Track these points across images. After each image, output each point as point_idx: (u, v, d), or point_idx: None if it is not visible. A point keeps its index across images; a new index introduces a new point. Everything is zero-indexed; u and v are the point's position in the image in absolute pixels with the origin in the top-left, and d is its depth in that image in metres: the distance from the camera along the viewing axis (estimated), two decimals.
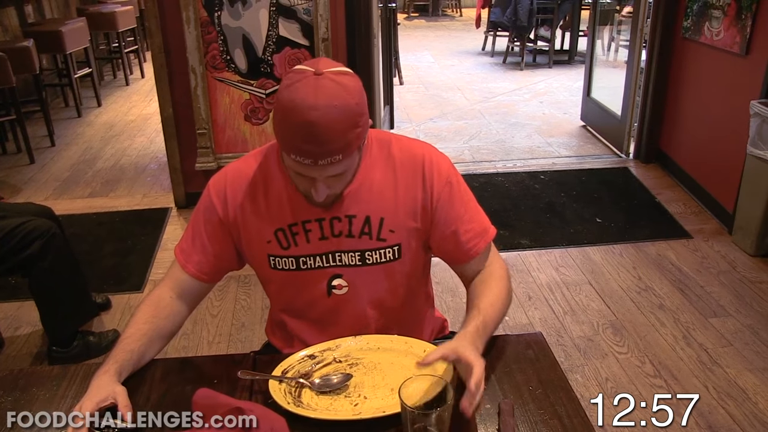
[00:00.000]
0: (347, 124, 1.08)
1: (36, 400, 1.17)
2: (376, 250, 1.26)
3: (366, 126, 1.14)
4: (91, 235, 3.41)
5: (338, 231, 1.25)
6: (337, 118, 1.06)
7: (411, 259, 1.30)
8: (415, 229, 1.28)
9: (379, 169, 1.26)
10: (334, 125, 1.06)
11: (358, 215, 1.25)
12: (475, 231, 1.30)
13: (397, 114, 5.25)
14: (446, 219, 1.28)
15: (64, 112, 5.59)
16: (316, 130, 1.06)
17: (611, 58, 5.49)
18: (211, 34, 3.28)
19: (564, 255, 3.12)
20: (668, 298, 2.74)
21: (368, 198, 1.25)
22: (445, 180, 1.27)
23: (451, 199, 1.27)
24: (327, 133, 1.06)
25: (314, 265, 1.28)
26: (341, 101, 1.07)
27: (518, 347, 1.25)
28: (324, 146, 1.07)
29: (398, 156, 1.27)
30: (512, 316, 2.66)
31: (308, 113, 1.05)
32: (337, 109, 1.06)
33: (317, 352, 1.23)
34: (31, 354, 2.52)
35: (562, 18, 7.26)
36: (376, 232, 1.25)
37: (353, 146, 1.11)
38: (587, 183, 3.91)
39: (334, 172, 1.13)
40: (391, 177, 1.26)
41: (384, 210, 1.25)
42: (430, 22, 10.78)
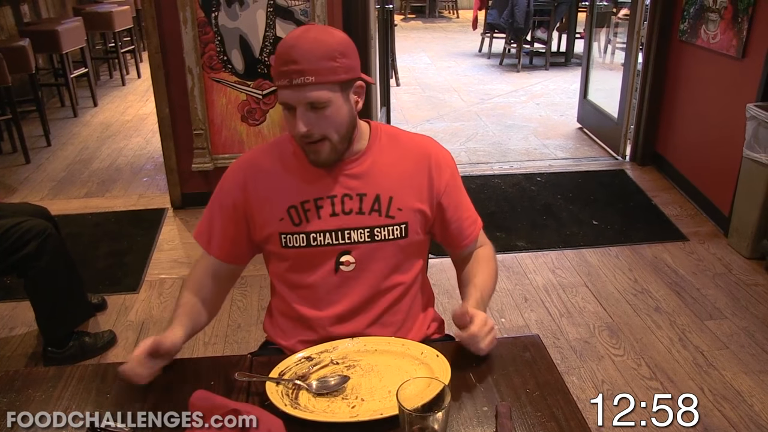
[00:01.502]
0: (322, 53, 1.20)
1: (32, 402, 1.16)
2: (384, 226, 1.33)
3: (348, 70, 1.24)
4: (86, 235, 3.39)
5: (349, 208, 1.32)
6: (313, 46, 1.20)
7: (416, 240, 1.37)
8: (421, 211, 1.35)
9: (389, 154, 1.37)
10: (309, 49, 1.20)
11: (368, 193, 1.33)
12: (472, 219, 1.43)
13: (394, 115, 5.25)
14: (451, 207, 1.39)
15: (60, 111, 5.58)
16: (291, 51, 1.20)
17: (608, 61, 5.50)
18: (208, 34, 3.27)
19: (560, 257, 3.12)
20: (664, 300, 2.74)
21: (378, 178, 1.34)
22: (450, 171, 1.39)
23: (455, 189, 1.39)
24: (300, 54, 1.19)
25: (324, 241, 1.33)
26: (321, 37, 1.22)
27: (515, 349, 1.25)
28: (296, 65, 1.19)
29: (406, 145, 1.39)
30: (508, 318, 2.67)
31: (290, 42, 1.21)
32: (315, 41, 1.21)
33: (314, 354, 1.23)
34: (26, 354, 2.51)
35: (559, 20, 7.27)
36: (385, 209, 1.33)
37: (327, 76, 1.20)
38: (583, 185, 3.92)
39: (309, 98, 1.21)
40: (400, 162, 1.36)
41: (393, 189, 1.33)
42: (426, 24, 10.79)
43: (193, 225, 3.46)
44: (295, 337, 1.39)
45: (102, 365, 1.29)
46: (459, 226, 1.41)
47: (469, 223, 1.43)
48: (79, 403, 1.15)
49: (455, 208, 1.40)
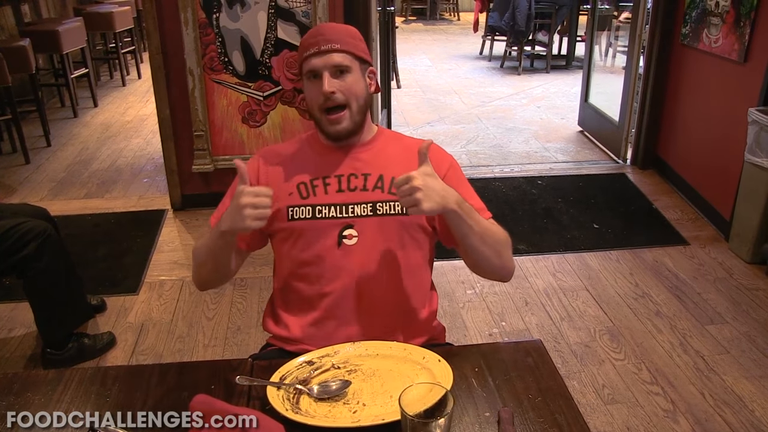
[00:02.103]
0: (347, 32, 1.41)
1: (31, 405, 1.15)
2: (386, 201, 1.39)
3: (365, 52, 1.42)
4: (86, 236, 3.39)
5: (354, 186, 1.41)
6: (339, 27, 1.42)
7: (417, 221, 1.41)
8: None
9: (393, 148, 1.47)
10: (335, 27, 1.41)
11: (372, 174, 1.42)
12: (477, 207, 1.40)
13: (395, 117, 5.25)
14: None
15: (61, 112, 5.57)
16: (320, 29, 1.40)
17: (609, 64, 5.50)
18: (209, 35, 3.27)
19: (561, 261, 3.11)
20: (665, 304, 2.74)
21: (383, 162, 1.44)
22: (449, 165, 1.45)
23: (455, 179, 1.42)
24: (327, 30, 1.39)
25: (329, 214, 1.39)
26: (345, 25, 1.45)
27: (517, 355, 1.25)
28: (324, 36, 1.37)
29: (408, 143, 1.48)
30: (509, 322, 2.66)
31: (320, 25, 1.43)
32: (338, 25, 1.43)
33: (315, 358, 1.22)
34: (25, 356, 2.50)
35: (560, 23, 7.27)
36: (388, 186, 1.40)
37: (350, 46, 1.38)
38: (584, 189, 3.92)
39: (334, 60, 1.36)
40: (402, 153, 1.44)
41: (395, 171, 1.37)
42: (427, 26, 10.79)
43: (193, 226, 3.45)
44: (297, 322, 1.40)
45: (101, 368, 1.28)
46: None
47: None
48: (79, 406, 1.15)
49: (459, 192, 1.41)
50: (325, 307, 1.38)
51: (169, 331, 2.63)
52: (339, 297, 1.38)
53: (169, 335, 2.61)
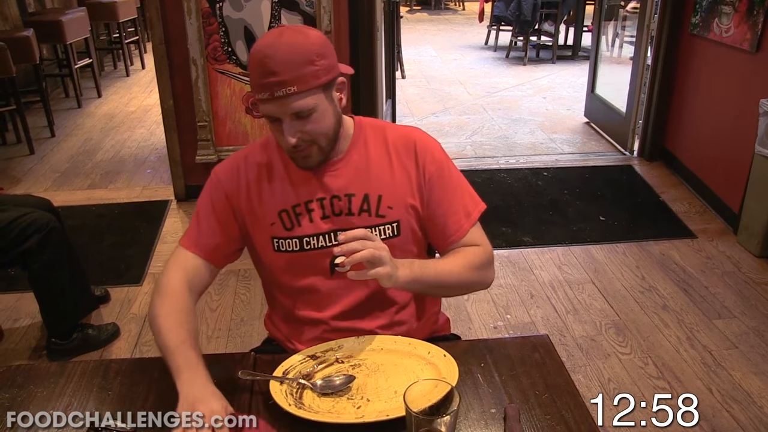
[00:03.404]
0: (300, 59, 1.16)
1: (34, 398, 1.15)
2: (375, 226, 1.29)
3: (328, 70, 1.20)
4: (90, 227, 3.38)
5: (339, 209, 1.30)
6: (289, 51, 1.16)
7: (410, 238, 1.32)
8: (413, 206, 1.31)
9: (374, 150, 1.33)
10: (286, 57, 1.15)
11: (357, 193, 1.29)
12: (461, 215, 1.33)
13: (399, 108, 5.21)
14: (436, 199, 1.32)
15: (65, 102, 5.56)
16: (268, 62, 1.15)
17: (616, 54, 5.45)
18: (213, 25, 3.24)
19: (567, 253, 3.09)
20: (672, 298, 2.71)
21: (365, 176, 1.30)
22: (437, 162, 1.33)
23: (441, 180, 1.32)
24: (278, 64, 1.14)
25: (317, 245, 1.31)
26: (296, 40, 1.17)
27: (524, 350, 1.23)
28: (276, 76, 1.14)
29: (392, 139, 1.34)
30: (514, 315, 2.64)
31: (265, 50, 1.16)
32: (290, 45, 1.16)
33: (319, 353, 1.21)
34: (30, 346, 2.50)
35: (567, 13, 7.21)
36: (375, 208, 1.29)
37: (309, 82, 1.17)
38: (590, 180, 3.89)
39: (294, 107, 1.17)
40: (386, 157, 1.32)
41: (381, 187, 1.30)
42: (432, 16, 10.73)
43: None
44: (299, 339, 1.37)
45: (104, 361, 1.27)
46: (444, 221, 1.32)
47: (455, 219, 1.32)
48: (81, 400, 1.14)
49: (440, 200, 1.32)
50: (324, 329, 1.33)
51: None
52: (337, 320, 1.33)
53: None
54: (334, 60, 1.23)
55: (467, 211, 1.34)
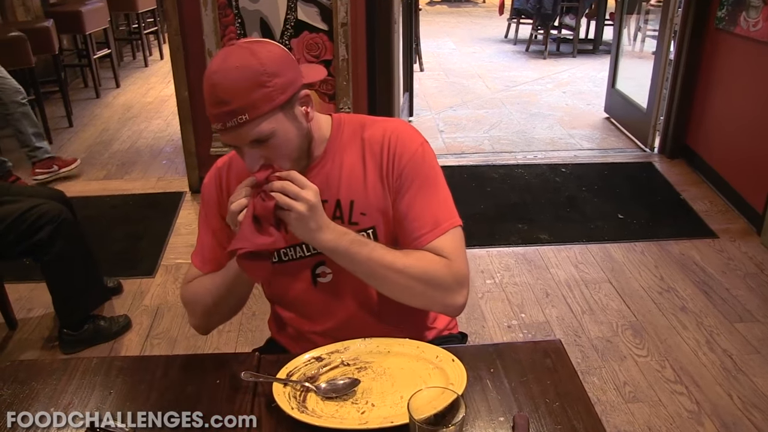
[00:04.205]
0: (248, 84, 1.06)
1: (35, 395, 1.14)
2: None
3: (284, 88, 1.09)
4: (104, 218, 3.39)
5: None
6: (236, 77, 1.06)
7: (390, 244, 1.21)
8: (388, 210, 1.23)
9: (349, 153, 1.24)
10: (233, 84, 1.06)
11: (329, 200, 1.23)
12: (426, 222, 1.20)
13: (417, 101, 5.17)
14: (402, 200, 1.21)
15: (83, 92, 5.59)
16: (216, 91, 1.07)
17: (638, 49, 5.34)
18: (229, 17, 3.22)
19: (584, 251, 3.03)
20: (691, 300, 2.65)
21: (337, 182, 1.23)
22: (410, 158, 1.21)
23: (412, 180, 1.21)
24: (226, 93, 1.06)
25: (296, 255, 1.27)
26: (243, 62, 1.07)
27: (535, 355, 1.19)
28: (225, 106, 1.07)
29: (368, 136, 1.24)
30: (529, 314, 2.60)
31: (211, 77, 1.08)
32: (237, 69, 1.06)
33: (324, 354, 1.18)
34: (43, 336, 2.51)
35: (588, 6, 7.10)
36: (347, 215, 1.23)
37: (261, 107, 1.07)
38: (609, 177, 3.81)
39: (250, 136, 1.09)
40: (360, 159, 1.23)
41: (353, 193, 1.23)
42: (452, 8, 10.64)
43: None
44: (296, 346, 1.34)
45: (107, 358, 1.26)
46: (405, 225, 1.21)
47: (418, 225, 1.19)
48: (82, 398, 1.13)
49: (404, 201, 1.21)
50: (320, 341, 1.27)
51: (184, 315, 2.61)
52: (332, 331, 1.29)
53: (184, 319, 2.60)
54: (293, 75, 1.12)
55: (435, 221, 1.20)
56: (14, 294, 2.67)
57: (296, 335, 1.35)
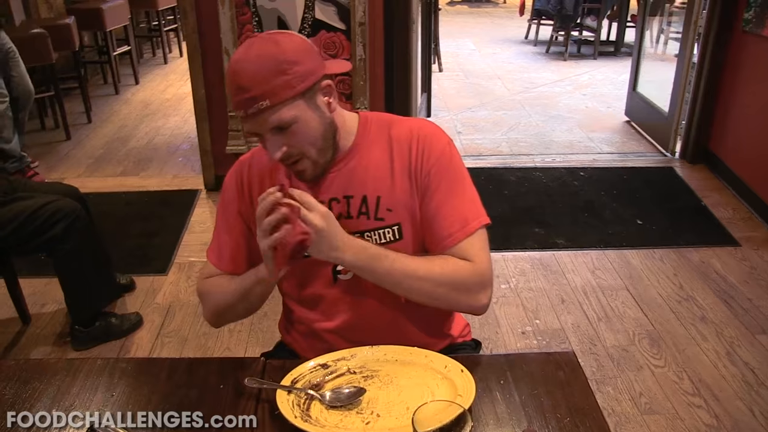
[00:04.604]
0: (269, 70, 1.09)
1: (38, 395, 1.12)
2: (375, 230, 1.22)
3: (305, 77, 1.11)
4: (119, 214, 3.40)
5: (337, 213, 1.22)
6: (258, 63, 1.09)
7: (415, 241, 1.23)
8: (414, 207, 1.23)
9: (376, 149, 1.24)
10: (255, 70, 1.09)
11: (355, 195, 1.23)
12: (455, 220, 1.21)
13: (435, 102, 5.13)
14: (431, 198, 1.22)
15: (103, 88, 5.63)
16: (238, 79, 1.09)
17: (660, 51, 5.26)
18: (246, 15, 3.21)
19: (601, 257, 2.98)
20: (711, 309, 2.58)
21: (364, 177, 1.23)
22: (437, 157, 1.22)
23: (441, 178, 1.22)
24: (247, 79, 1.08)
25: None
26: (265, 51, 1.10)
27: (547, 367, 1.15)
28: (246, 92, 1.08)
29: (396, 134, 1.25)
30: (543, 320, 2.55)
31: (235, 65, 1.11)
32: (259, 57, 1.09)
33: (330, 362, 1.15)
34: (55, 332, 2.52)
35: (610, 8, 7.00)
36: (373, 211, 1.22)
37: (282, 93, 1.09)
38: (629, 182, 3.75)
39: (271, 122, 1.11)
40: (387, 156, 1.24)
41: (380, 188, 1.22)
42: (473, 9, 10.58)
43: None
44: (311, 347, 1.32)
45: (111, 360, 1.24)
46: (433, 225, 1.21)
47: (447, 224, 1.20)
48: (84, 400, 1.11)
49: (432, 199, 1.21)
50: (333, 341, 1.28)
51: (196, 314, 2.61)
52: (346, 330, 1.28)
53: (196, 318, 2.59)
54: (314, 64, 1.14)
55: (464, 219, 1.21)
56: (29, 288, 2.69)
57: (308, 333, 1.33)
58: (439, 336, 1.35)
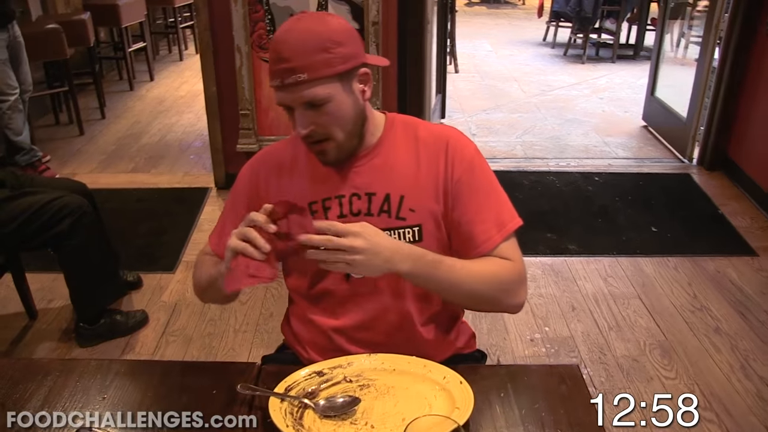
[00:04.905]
0: (313, 45, 1.11)
1: (29, 396, 1.11)
2: (394, 229, 1.21)
3: (346, 59, 1.13)
4: (128, 211, 3.39)
5: (357, 209, 1.22)
6: (303, 37, 1.11)
7: (434, 244, 1.22)
8: (438, 211, 1.23)
9: (403, 148, 1.25)
10: (299, 42, 1.11)
11: (378, 193, 1.22)
12: (490, 225, 1.22)
13: (450, 103, 5.08)
14: (464, 204, 1.22)
15: (118, 84, 5.64)
16: (281, 48, 1.11)
17: (680, 55, 5.17)
18: (259, 12, 3.19)
19: (614, 264, 2.92)
20: (726, 321, 2.52)
21: (389, 176, 1.23)
22: (468, 163, 1.23)
23: (472, 184, 1.22)
24: (290, 50, 1.10)
25: None
26: (312, 26, 1.13)
27: (550, 380, 1.12)
28: (287, 62, 1.10)
29: (423, 137, 1.26)
30: (553, 327, 2.51)
31: (281, 35, 1.13)
32: (305, 32, 1.12)
33: (326, 369, 1.12)
34: (61, 328, 2.51)
35: (630, 10, 6.90)
36: (395, 210, 1.22)
37: (321, 70, 1.11)
38: (644, 188, 3.68)
39: (305, 96, 1.11)
40: (414, 157, 1.24)
41: (405, 188, 1.22)
42: (491, 10, 10.49)
43: None
44: (312, 347, 1.30)
45: (105, 361, 1.21)
46: (470, 230, 1.21)
47: (484, 228, 1.21)
48: (74, 402, 1.10)
49: (468, 206, 1.21)
50: (339, 340, 1.26)
51: (201, 313, 2.60)
52: (353, 329, 1.25)
53: (201, 317, 2.58)
54: (357, 50, 1.16)
55: (500, 222, 1.22)
56: (37, 284, 2.69)
57: (312, 331, 1.30)
58: (444, 341, 1.32)
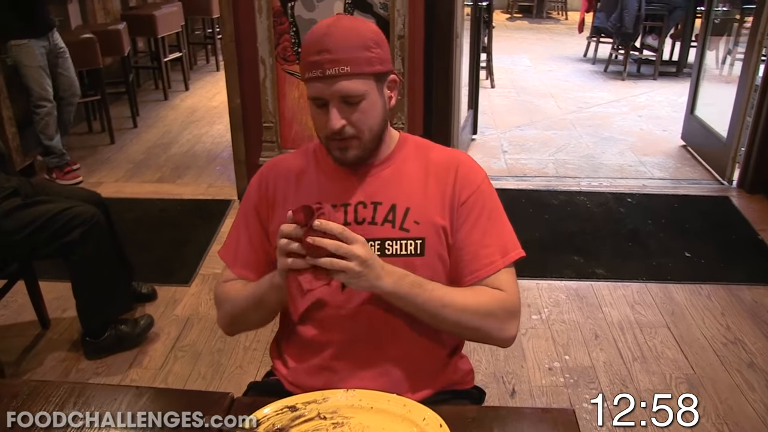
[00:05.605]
0: (356, 42, 1.13)
1: None
2: (396, 239, 1.20)
3: (383, 61, 1.17)
4: (150, 221, 3.40)
5: (362, 218, 1.22)
6: (347, 33, 1.13)
7: (435, 261, 1.21)
8: (442, 227, 1.21)
9: (413, 164, 1.26)
10: (343, 37, 1.13)
11: (384, 202, 1.22)
12: (495, 249, 1.21)
13: (482, 119, 4.98)
14: (469, 227, 1.22)
15: (153, 94, 5.72)
16: (325, 39, 1.12)
17: (725, 73, 4.97)
18: (284, 25, 3.17)
19: (642, 291, 2.78)
20: (762, 355, 2.36)
21: (397, 187, 1.23)
22: (477, 187, 1.23)
23: (479, 209, 1.22)
24: (334, 43, 1.12)
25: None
26: (355, 25, 1.16)
27: (542, 426, 1.03)
28: (331, 54, 1.11)
29: (434, 158, 1.27)
30: (573, 356, 2.39)
31: (323, 29, 1.14)
32: (350, 29, 1.14)
33: (300, 404, 1.06)
34: (72, 339, 2.51)
35: (673, 26, 6.70)
36: (399, 221, 1.21)
37: (363, 66, 1.13)
38: (680, 211, 3.52)
39: (344, 89, 1.13)
40: (423, 173, 1.25)
41: (411, 200, 1.22)
42: (533, 24, 10.36)
43: None
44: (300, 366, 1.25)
45: (79, 384, 1.18)
46: (474, 252, 1.20)
47: (488, 252, 1.20)
48: None
49: (473, 229, 1.21)
50: (329, 356, 1.21)
51: (213, 329, 2.56)
52: (344, 345, 1.20)
53: (212, 333, 2.54)
54: (389, 56, 1.21)
55: (504, 249, 1.21)
56: (52, 293, 2.70)
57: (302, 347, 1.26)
58: (435, 373, 1.24)
